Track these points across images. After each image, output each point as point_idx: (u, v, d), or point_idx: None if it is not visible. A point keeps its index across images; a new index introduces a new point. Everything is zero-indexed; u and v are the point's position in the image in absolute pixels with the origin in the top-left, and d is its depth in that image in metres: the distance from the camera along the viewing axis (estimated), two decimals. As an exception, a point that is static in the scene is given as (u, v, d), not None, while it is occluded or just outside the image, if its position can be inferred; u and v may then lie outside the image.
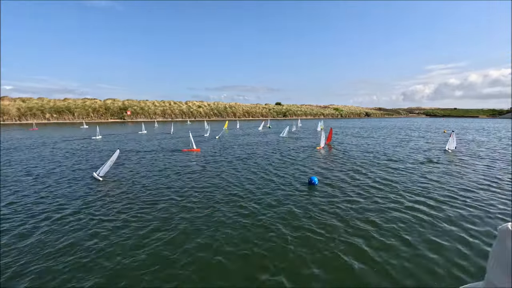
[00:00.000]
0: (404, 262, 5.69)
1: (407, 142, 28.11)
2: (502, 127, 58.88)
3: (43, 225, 7.42)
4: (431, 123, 77.37)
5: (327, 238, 6.71)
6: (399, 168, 14.60)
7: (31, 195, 9.96)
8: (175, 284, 5.01)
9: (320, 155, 19.26)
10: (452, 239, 6.66)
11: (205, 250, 6.19)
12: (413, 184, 11.45)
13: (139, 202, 9.25)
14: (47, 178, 12.49)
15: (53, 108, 74.42)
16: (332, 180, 12.03)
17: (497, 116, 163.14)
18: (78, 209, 8.56)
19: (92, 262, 5.68)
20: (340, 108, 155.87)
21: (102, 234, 6.91)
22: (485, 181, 11.94)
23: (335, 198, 9.67)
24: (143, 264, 5.62)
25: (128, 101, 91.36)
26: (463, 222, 7.66)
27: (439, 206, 8.92)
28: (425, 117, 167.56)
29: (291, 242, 6.49)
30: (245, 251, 6.11)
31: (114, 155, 12.60)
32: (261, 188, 10.92)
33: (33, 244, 6.41)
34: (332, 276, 5.22)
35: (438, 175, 13.18)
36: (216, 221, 7.67)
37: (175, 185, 11.35)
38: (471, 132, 42.20)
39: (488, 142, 28.29)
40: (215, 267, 5.54)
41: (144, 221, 7.70)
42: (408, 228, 7.24)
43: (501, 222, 7.65)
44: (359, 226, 7.34)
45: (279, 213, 8.26)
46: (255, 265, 5.61)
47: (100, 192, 10.33)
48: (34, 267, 5.50)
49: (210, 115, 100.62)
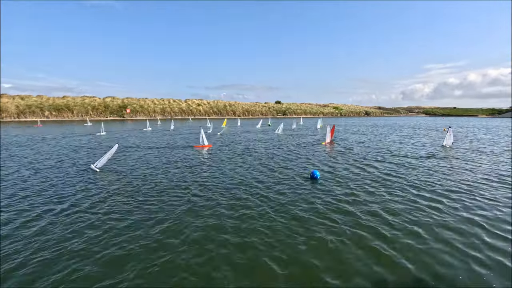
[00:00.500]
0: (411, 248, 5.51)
1: (409, 139, 28.00)
2: (503, 125, 58.76)
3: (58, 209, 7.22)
4: (431, 122, 77.32)
5: (331, 229, 6.53)
6: (402, 163, 14.45)
7: (47, 183, 10.09)
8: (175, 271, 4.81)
9: (322, 150, 19.08)
10: (460, 232, 6.49)
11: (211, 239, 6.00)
12: (415, 178, 11.31)
13: (158, 193, 9.06)
14: (57, 169, 12.39)
15: (52, 106, 74.05)
16: (335, 174, 11.85)
17: (497, 115, 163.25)
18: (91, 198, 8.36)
19: (86, 250, 5.48)
20: (339, 107, 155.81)
21: (115, 225, 6.72)
22: (481, 173, 11.82)
23: (337, 191, 9.49)
24: (140, 252, 5.43)
25: (127, 99, 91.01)
26: (469, 213, 7.50)
27: (440, 199, 8.76)
28: (424, 116, 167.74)
29: (300, 235, 6.30)
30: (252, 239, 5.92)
31: (113, 149, 12.45)
32: (265, 182, 10.74)
33: (36, 232, 6.22)
34: (332, 264, 5.04)
35: (438, 169, 13.06)
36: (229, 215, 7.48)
37: (193, 180, 11.17)
38: (472, 130, 42.13)
39: (486, 139, 28.16)
40: (221, 257, 5.35)
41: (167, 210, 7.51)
42: (415, 219, 7.07)
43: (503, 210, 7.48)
44: (366, 219, 7.17)
45: (283, 203, 8.08)
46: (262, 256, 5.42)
47: (126, 185, 10.15)
48: (35, 255, 5.30)
49: (210, 113, 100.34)
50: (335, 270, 4.93)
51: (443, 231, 6.42)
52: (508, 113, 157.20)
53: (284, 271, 4.88)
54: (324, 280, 4.65)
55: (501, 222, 6.94)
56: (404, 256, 5.35)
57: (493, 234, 6.31)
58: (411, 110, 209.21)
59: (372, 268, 4.99)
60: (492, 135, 32.45)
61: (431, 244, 5.82)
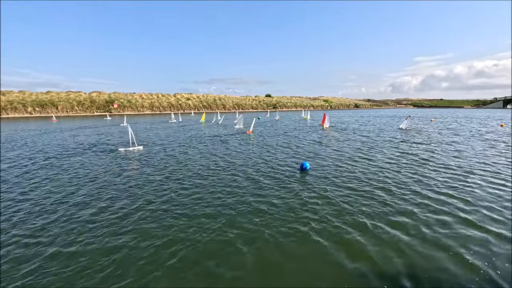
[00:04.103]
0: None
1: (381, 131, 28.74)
2: (485, 116, 60.58)
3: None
4: (418, 113, 78.99)
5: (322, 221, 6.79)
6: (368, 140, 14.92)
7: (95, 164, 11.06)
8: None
9: (309, 140, 19.39)
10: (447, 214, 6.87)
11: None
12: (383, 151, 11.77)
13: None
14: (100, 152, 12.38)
15: (35, 101, 71.78)
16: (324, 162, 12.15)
17: (481, 106, 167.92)
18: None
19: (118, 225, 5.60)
20: (329, 100, 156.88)
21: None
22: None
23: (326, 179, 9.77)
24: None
25: (114, 93, 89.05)
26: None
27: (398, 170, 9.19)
28: (412, 108, 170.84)
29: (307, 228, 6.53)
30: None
31: (130, 129, 15.37)
32: (261, 171, 10.93)
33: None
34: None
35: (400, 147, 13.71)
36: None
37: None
38: (457, 120, 43.43)
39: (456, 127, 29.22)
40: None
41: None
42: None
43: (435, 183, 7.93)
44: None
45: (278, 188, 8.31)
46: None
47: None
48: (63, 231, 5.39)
49: (199, 107, 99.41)
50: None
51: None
52: (493, 104, 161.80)
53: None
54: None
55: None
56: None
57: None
58: (400, 102, 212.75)
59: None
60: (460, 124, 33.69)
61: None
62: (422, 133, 22.07)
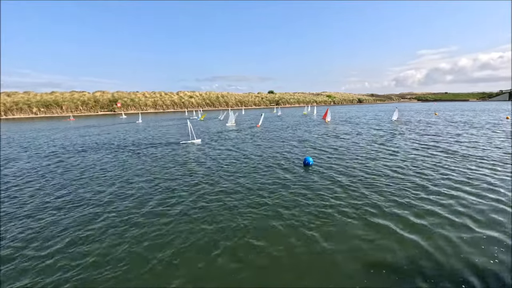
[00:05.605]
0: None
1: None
2: (492, 108, 59.74)
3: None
4: (423, 107, 78.22)
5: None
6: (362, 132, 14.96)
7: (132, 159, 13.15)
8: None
9: (313, 134, 19.43)
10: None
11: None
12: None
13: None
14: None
15: (40, 102, 72.51)
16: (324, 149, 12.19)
17: (487, 99, 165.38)
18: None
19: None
20: (332, 95, 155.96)
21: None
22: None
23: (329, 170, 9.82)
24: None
25: (117, 93, 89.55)
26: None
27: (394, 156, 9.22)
28: (416, 102, 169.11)
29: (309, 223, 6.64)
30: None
31: (189, 125, 17.41)
32: (265, 159, 11.02)
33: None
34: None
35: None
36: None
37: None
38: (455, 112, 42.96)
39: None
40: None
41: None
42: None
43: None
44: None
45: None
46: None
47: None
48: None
49: (202, 105, 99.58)
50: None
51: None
52: (498, 97, 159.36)
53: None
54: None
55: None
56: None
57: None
58: (404, 96, 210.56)
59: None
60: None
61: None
62: (415, 125, 23.56)
